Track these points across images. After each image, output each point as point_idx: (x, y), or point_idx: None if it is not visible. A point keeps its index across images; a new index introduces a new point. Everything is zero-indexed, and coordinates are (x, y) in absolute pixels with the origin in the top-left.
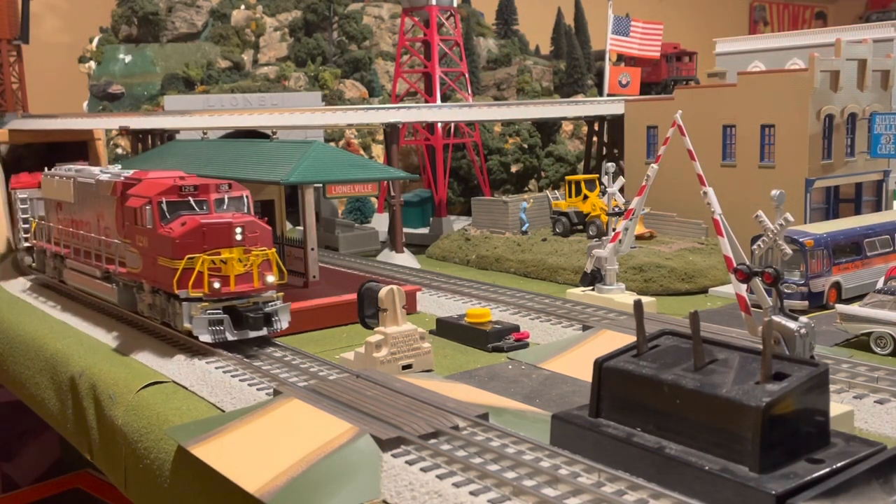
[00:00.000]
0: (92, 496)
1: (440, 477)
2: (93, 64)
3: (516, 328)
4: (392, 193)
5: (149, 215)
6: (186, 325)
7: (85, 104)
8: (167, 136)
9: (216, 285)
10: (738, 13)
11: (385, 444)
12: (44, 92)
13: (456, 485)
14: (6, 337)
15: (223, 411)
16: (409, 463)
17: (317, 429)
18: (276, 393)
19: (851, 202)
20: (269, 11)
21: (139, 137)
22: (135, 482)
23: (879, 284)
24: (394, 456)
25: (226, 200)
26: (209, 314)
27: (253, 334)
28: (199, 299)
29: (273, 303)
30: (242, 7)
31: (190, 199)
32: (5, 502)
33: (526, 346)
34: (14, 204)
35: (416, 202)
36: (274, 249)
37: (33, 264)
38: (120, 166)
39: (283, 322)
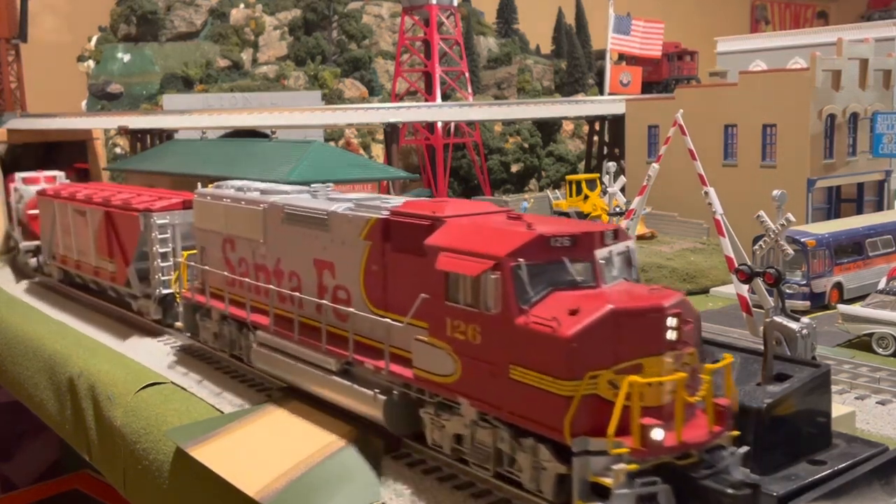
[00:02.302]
0: (91, 497)
1: (440, 480)
2: (91, 63)
3: None
4: (392, 193)
5: (493, 289)
6: None
7: (83, 103)
8: (166, 135)
9: (658, 435)
10: (739, 12)
11: (386, 447)
12: (42, 91)
13: (457, 487)
14: (5, 337)
15: (222, 413)
16: (410, 465)
17: (317, 431)
18: (276, 395)
19: (853, 202)
20: (269, 10)
21: (138, 137)
22: (133, 483)
23: (881, 285)
24: (394, 458)
25: (613, 258)
26: (640, 487)
27: None
28: (612, 454)
29: (726, 452)
30: (242, 6)
31: (564, 259)
32: (4, 503)
33: None
34: (148, 231)
35: None
36: (731, 357)
37: (177, 324)
38: (331, 186)
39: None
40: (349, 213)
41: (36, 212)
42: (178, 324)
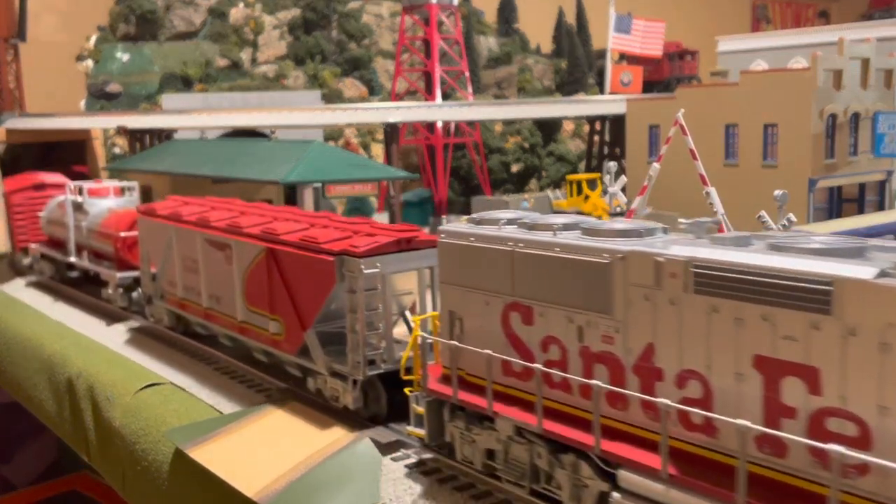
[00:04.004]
0: (89, 498)
1: (441, 481)
2: (90, 63)
3: None
4: (392, 193)
5: None
6: None
7: (82, 103)
8: (165, 135)
9: None
10: (740, 11)
11: (385, 448)
12: (41, 91)
13: (457, 489)
14: (3, 337)
15: (222, 414)
16: (410, 467)
17: (316, 432)
18: (276, 396)
19: (854, 202)
20: (268, 10)
21: (137, 137)
22: (133, 484)
23: None
24: (393, 460)
25: None
26: None
27: None
28: None
29: None
30: (241, 5)
31: None
32: None
33: None
34: (350, 284)
35: (416, 202)
36: None
37: (410, 428)
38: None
39: None
40: None
41: (131, 234)
42: (413, 429)
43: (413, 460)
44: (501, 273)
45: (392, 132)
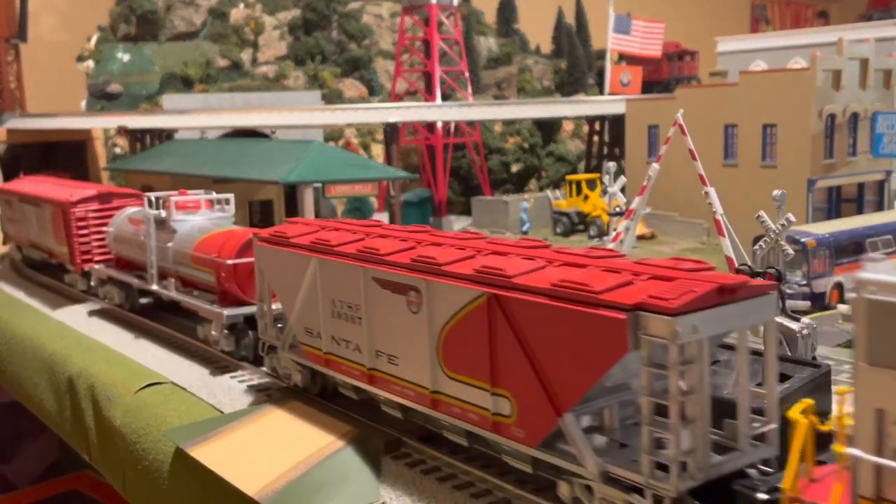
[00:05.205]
0: (90, 498)
1: (440, 480)
2: (91, 63)
3: None
4: (392, 193)
5: None
6: None
7: (83, 103)
8: (165, 135)
9: None
10: (739, 12)
11: (385, 447)
12: (42, 91)
13: (457, 487)
14: (4, 337)
15: (222, 413)
16: (410, 466)
17: (317, 431)
18: (276, 395)
19: (853, 202)
20: (269, 10)
21: (137, 137)
22: (133, 484)
23: None
24: (394, 458)
25: None
26: None
27: None
28: None
29: None
30: (241, 6)
31: None
32: (3, 503)
33: None
34: (650, 352)
35: (416, 202)
36: None
37: None
38: None
39: None
40: None
41: (242, 261)
42: None
43: (413, 459)
44: None
45: (392, 132)
